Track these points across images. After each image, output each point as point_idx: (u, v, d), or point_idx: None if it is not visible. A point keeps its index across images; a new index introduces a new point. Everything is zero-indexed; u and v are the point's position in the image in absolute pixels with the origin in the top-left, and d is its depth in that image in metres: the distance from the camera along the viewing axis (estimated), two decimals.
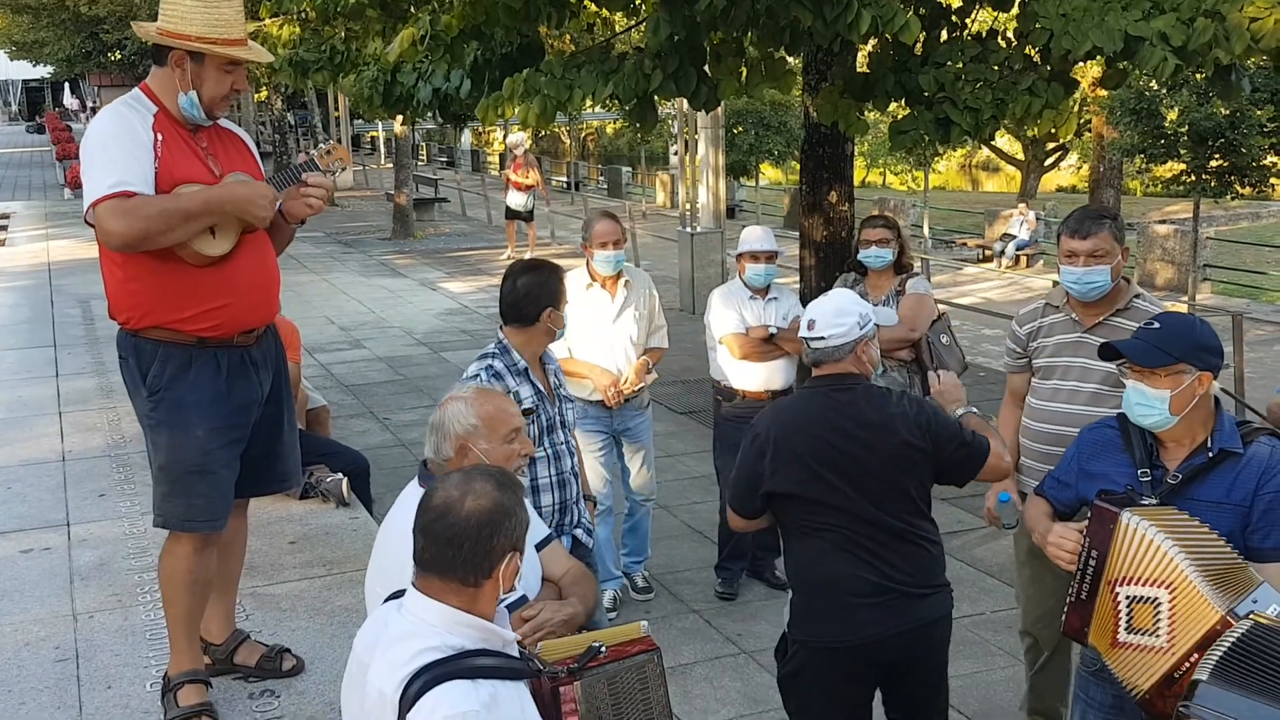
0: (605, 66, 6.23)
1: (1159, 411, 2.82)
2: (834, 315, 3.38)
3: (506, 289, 3.88)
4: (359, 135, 43.99)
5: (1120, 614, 2.70)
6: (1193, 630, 2.56)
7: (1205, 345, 2.84)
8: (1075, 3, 5.67)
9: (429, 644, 2.19)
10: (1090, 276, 3.80)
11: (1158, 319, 2.93)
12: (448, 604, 2.22)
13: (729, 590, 5.84)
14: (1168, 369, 2.78)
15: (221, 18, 3.32)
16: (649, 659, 2.53)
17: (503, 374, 3.80)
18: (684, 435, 8.56)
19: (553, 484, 3.87)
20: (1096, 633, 2.78)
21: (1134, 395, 2.85)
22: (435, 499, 2.25)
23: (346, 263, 18.05)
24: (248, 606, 4.45)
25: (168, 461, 3.47)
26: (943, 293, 15.36)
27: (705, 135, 13.60)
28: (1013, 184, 36.11)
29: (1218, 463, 2.81)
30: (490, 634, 2.26)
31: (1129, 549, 2.68)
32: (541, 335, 3.88)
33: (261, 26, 8.54)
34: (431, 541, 2.22)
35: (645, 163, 34.37)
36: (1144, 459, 2.89)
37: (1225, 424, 2.87)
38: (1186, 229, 15.59)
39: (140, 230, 3.20)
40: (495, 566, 2.22)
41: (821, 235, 8.53)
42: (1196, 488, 2.81)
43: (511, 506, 2.26)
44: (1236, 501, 2.77)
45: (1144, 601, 2.65)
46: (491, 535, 2.21)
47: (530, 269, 3.93)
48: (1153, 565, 2.63)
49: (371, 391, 9.97)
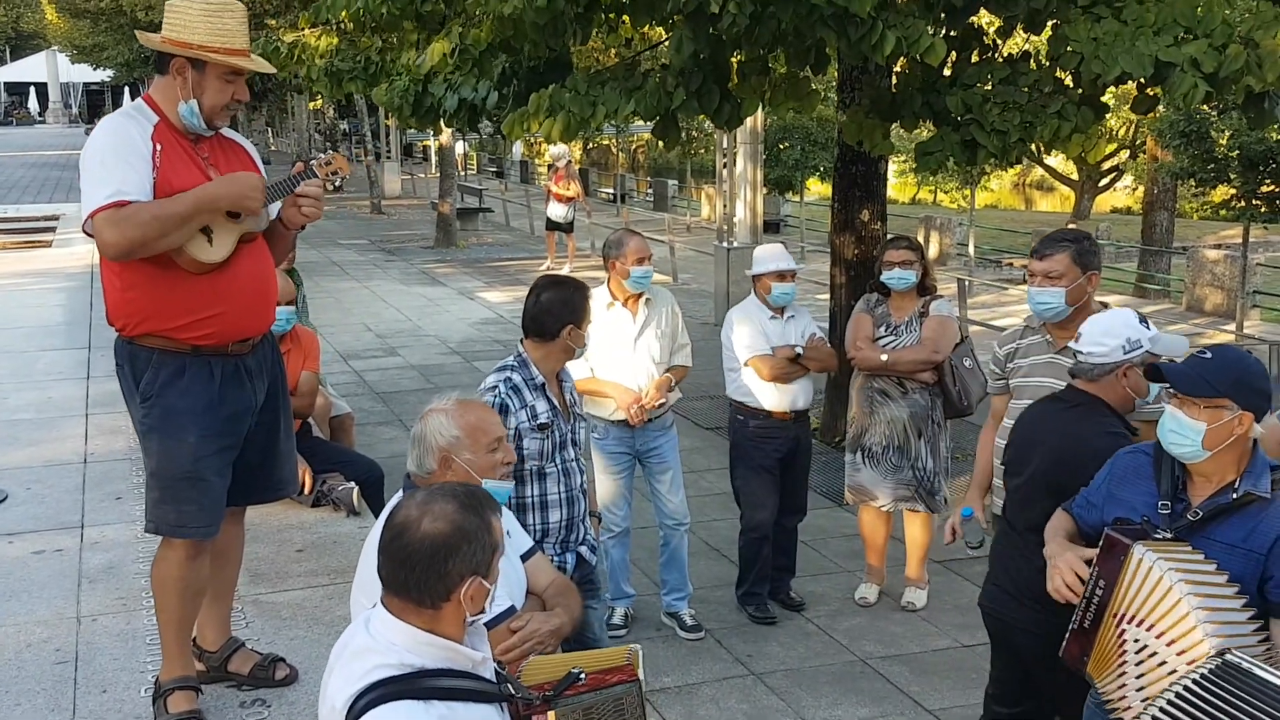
0: (629, 84, 6.24)
1: (1191, 442, 2.75)
2: (1100, 334, 3.39)
3: (530, 302, 3.91)
4: (410, 144, 44.41)
5: (1127, 657, 2.65)
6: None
7: (1253, 385, 2.76)
8: (1107, 27, 5.59)
9: (385, 660, 2.17)
10: (1042, 296, 3.87)
11: (1211, 349, 2.85)
12: (409, 623, 2.19)
13: (768, 615, 5.75)
14: (1208, 400, 2.71)
15: (224, 27, 3.35)
16: (628, 691, 2.49)
17: (520, 387, 3.82)
18: (708, 451, 8.52)
19: (562, 500, 3.87)
20: (1096, 664, 2.75)
21: (1170, 421, 2.79)
22: (396, 516, 2.22)
23: (388, 270, 18.20)
24: (248, 614, 4.48)
25: (159, 468, 3.49)
26: (985, 312, 15.18)
27: (744, 150, 13.56)
28: (1067, 204, 35.68)
29: (1242, 505, 2.74)
30: (455, 654, 2.22)
31: (1138, 585, 2.64)
32: (560, 351, 3.89)
33: (300, 37, 8.64)
34: (387, 560, 2.20)
35: (693, 176, 34.36)
36: (1169, 491, 2.84)
37: (1258, 467, 2.79)
38: (1237, 254, 15.28)
39: (136, 237, 3.24)
40: (452, 590, 2.17)
41: (853, 253, 8.49)
42: (1216, 528, 2.74)
43: (473, 529, 2.20)
44: (1253, 548, 2.70)
45: (1160, 665, 2.58)
46: (446, 560, 2.16)
47: (556, 284, 3.96)
48: (1164, 613, 2.58)
49: (402, 399, 10.03)
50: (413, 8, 6.89)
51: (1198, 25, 5.49)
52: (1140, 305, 17.79)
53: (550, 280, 3.99)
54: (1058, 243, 3.91)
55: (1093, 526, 3.01)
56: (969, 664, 5.32)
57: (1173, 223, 21.57)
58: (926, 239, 20.89)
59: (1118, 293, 18.32)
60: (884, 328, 5.62)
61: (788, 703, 4.96)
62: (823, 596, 6.02)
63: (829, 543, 6.78)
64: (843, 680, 5.17)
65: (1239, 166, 13.86)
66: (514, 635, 2.79)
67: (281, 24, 17.12)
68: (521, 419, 3.78)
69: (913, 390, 5.60)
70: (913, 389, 5.60)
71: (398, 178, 32.27)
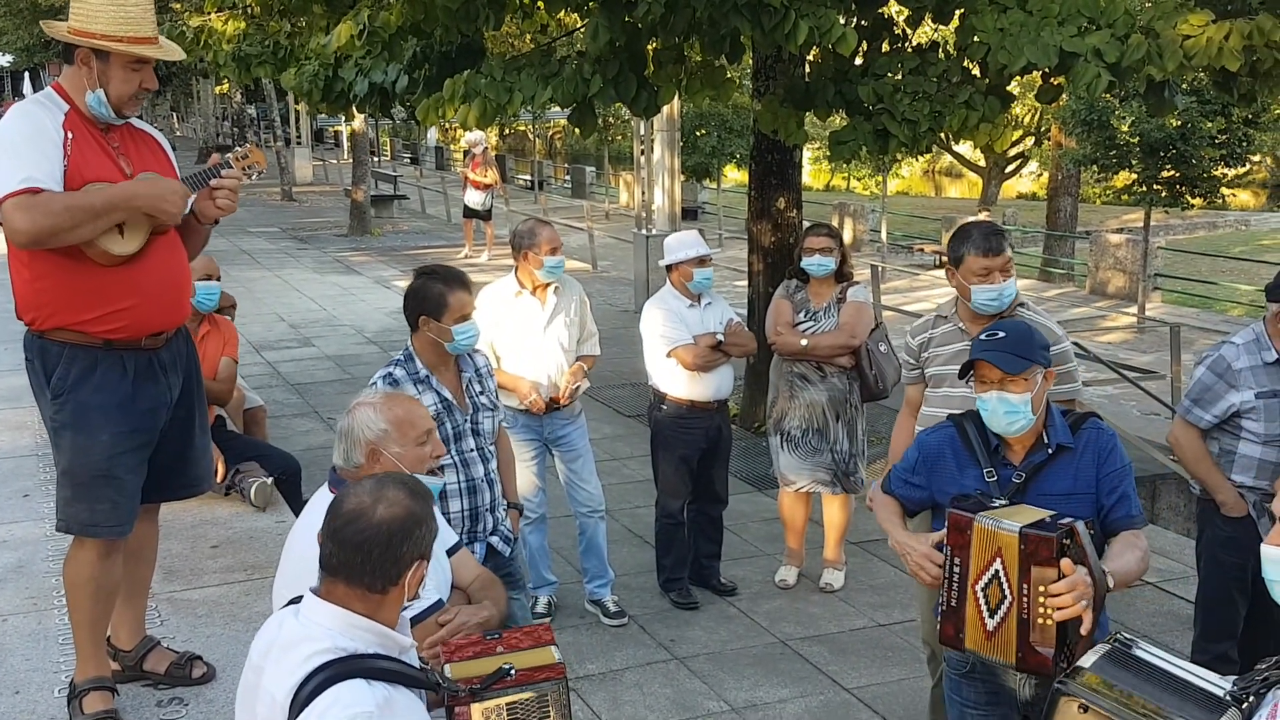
0: (545, 70, 6.22)
1: (1024, 415, 2.95)
2: None
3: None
4: (321, 130, 43.63)
5: (982, 609, 2.82)
6: (1015, 567, 2.72)
7: (1044, 344, 3.05)
8: (1013, 18, 5.72)
9: (319, 646, 2.20)
10: (1009, 289, 3.91)
11: (1001, 327, 3.08)
12: (350, 609, 2.23)
13: (690, 599, 5.80)
14: (1024, 373, 2.92)
15: (128, 15, 3.27)
16: (553, 687, 2.51)
17: (401, 381, 3.76)
18: (630, 439, 8.55)
19: (461, 490, 3.85)
20: (970, 635, 2.87)
21: (999, 405, 2.95)
22: (347, 504, 2.26)
23: (301, 259, 17.91)
24: (163, 612, 4.40)
25: (71, 466, 3.42)
26: (898, 297, 15.45)
27: (661, 138, 13.59)
28: (974, 190, 36.34)
29: (1056, 456, 2.99)
30: (386, 639, 2.27)
31: (982, 547, 2.80)
32: (429, 344, 3.79)
33: (207, 21, 8.45)
34: (340, 547, 2.23)
35: (611, 163, 34.32)
36: (987, 460, 3.03)
37: (1056, 419, 3.05)
38: (1138, 238, 15.75)
39: (46, 226, 3.15)
40: (403, 574, 2.25)
41: (770, 240, 8.58)
42: (1042, 483, 2.97)
43: (423, 515, 2.29)
44: (1083, 490, 2.98)
45: (991, 581, 2.79)
46: (402, 543, 2.23)
47: (420, 273, 3.89)
48: (991, 548, 2.78)
49: (318, 390, 9.90)
50: None
51: (1100, 16, 5.65)
52: (1045, 289, 18.26)
53: (419, 270, 3.93)
54: (1000, 234, 3.93)
55: (918, 504, 3.21)
56: (885, 642, 5.44)
57: (1076, 208, 22.13)
58: (841, 225, 21.16)
59: (1024, 277, 18.76)
60: (803, 313, 5.70)
61: (710, 686, 5.02)
62: (744, 580, 6.10)
63: (749, 527, 6.87)
64: (764, 662, 5.25)
65: (1140, 153, 14.28)
66: (442, 628, 2.79)
67: (187, 8, 16.69)
68: None
69: (831, 374, 5.69)
70: (831, 373, 5.69)
71: (309, 164, 31.72)
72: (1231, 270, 18.08)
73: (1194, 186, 14.30)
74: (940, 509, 3.07)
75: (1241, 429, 4.34)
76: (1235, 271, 17.94)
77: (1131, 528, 2.99)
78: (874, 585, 6.08)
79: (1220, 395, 4.33)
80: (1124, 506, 3.00)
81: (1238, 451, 4.38)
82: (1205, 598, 4.64)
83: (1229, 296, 16.34)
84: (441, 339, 3.77)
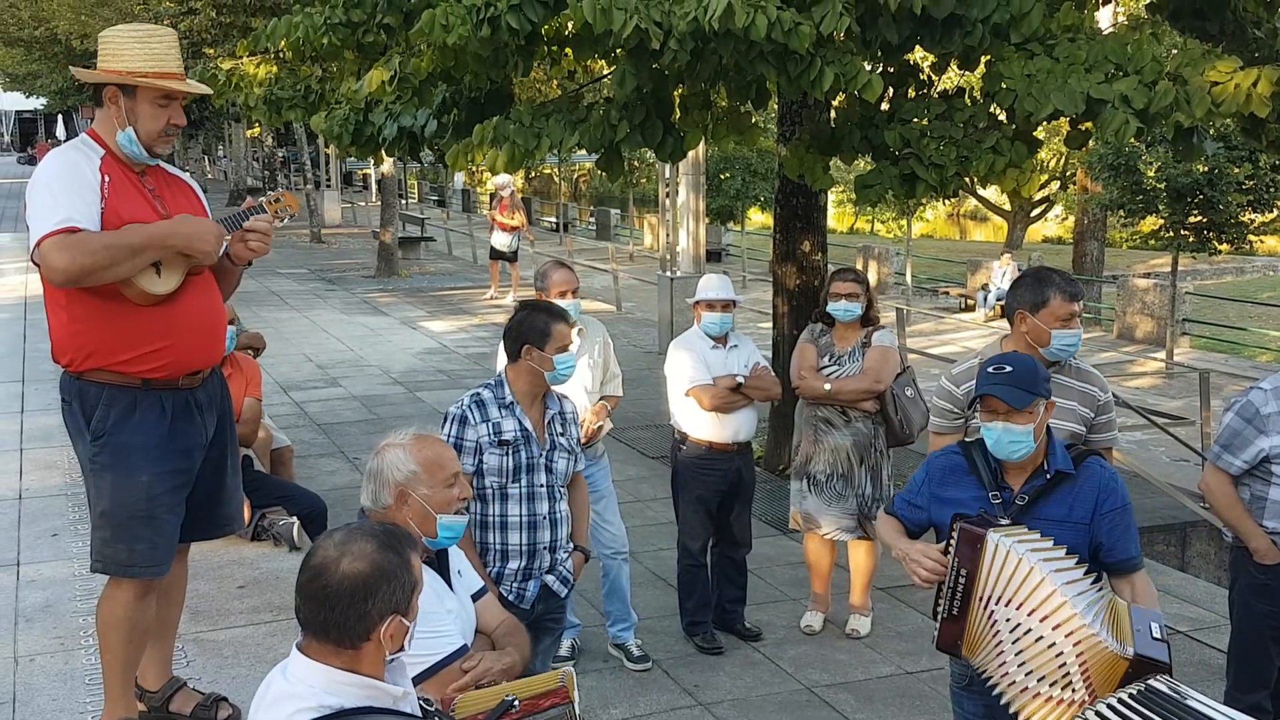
0: (573, 116, 6.28)
1: (1027, 444, 3.12)
2: None
3: (506, 325, 4.03)
4: (350, 173, 44.14)
5: (1001, 636, 2.92)
6: (1109, 681, 2.75)
7: (1045, 377, 3.21)
8: (1039, 64, 5.73)
9: (304, 705, 2.14)
10: (1081, 335, 3.95)
11: (1007, 361, 3.23)
12: (328, 664, 2.17)
13: (715, 644, 5.73)
14: (1029, 407, 3.09)
15: (153, 51, 3.34)
16: (560, 713, 2.50)
17: (486, 403, 3.89)
18: (653, 480, 8.53)
19: (523, 523, 3.87)
20: (970, 646, 3.03)
21: (1003, 435, 3.12)
22: (314, 558, 2.20)
23: (329, 300, 18.05)
24: (189, 652, 4.41)
25: (111, 507, 3.44)
26: (923, 340, 15.41)
27: (686, 180, 13.67)
28: (999, 234, 36.35)
29: (1056, 484, 3.16)
30: (375, 691, 2.20)
31: (998, 569, 2.92)
32: (526, 373, 3.91)
33: (239, 65, 8.59)
34: (306, 601, 2.18)
35: (635, 205, 34.53)
36: (992, 483, 3.18)
37: (1057, 448, 3.21)
38: (1166, 283, 15.67)
39: (85, 265, 3.20)
40: (372, 630, 2.16)
41: (795, 283, 8.59)
42: (1041, 507, 3.14)
43: (393, 569, 2.19)
44: (1077, 520, 3.13)
45: (1037, 640, 2.86)
46: (365, 599, 2.15)
47: (523, 307, 4.05)
48: (1029, 591, 2.86)
49: (344, 431, 9.93)
50: (354, 38, 6.87)
51: (1128, 63, 5.65)
52: None
53: (522, 304, 4.11)
54: (1077, 281, 4.00)
55: (918, 525, 3.33)
56: (913, 690, 5.37)
57: (1103, 252, 22.08)
58: (865, 268, 21.17)
59: None
60: (828, 357, 5.69)
61: None
62: (769, 625, 6.04)
63: (774, 571, 6.82)
64: (789, 709, 5.19)
65: (1166, 198, 14.25)
66: (466, 675, 2.78)
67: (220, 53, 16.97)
68: (483, 433, 3.83)
69: (856, 419, 5.67)
70: (856, 418, 5.66)
71: (338, 206, 32.05)
72: (1260, 316, 17.93)
73: (1221, 232, 14.25)
74: (940, 529, 3.24)
75: (1272, 474, 4.29)
76: (1263, 317, 17.79)
77: (1135, 569, 3.17)
78: (901, 632, 6.01)
79: (1250, 440, 4.29)
80: (1125, 546, 3.16)
81: (1269, 497, 4.32)
82: (1238, 646, 4.56)
83: (1258, 342, 16.21)
84: (543, 367, 3.89)
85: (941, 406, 4.13)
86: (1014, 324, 3.93)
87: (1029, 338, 3.87)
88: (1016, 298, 3.93)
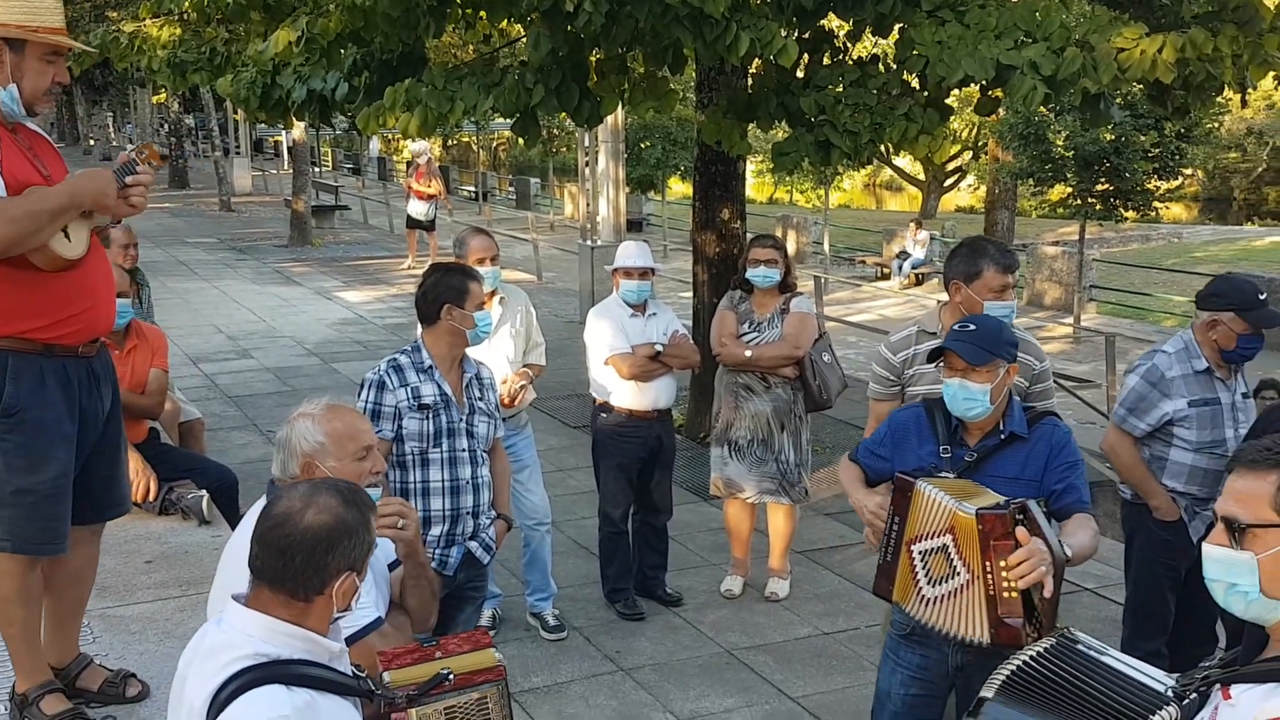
0: (487, 80, 6.18)
1: (981, 403, 3.19)
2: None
3: (418, 291, 4.01)
4: (261, 139, 43.17)
5: (916, 569, 3.05)
6: (975, 546, 2.89)
7: (1011, 341, 3.28)
8: (950, 31, 5.78)
9: (240, 653, 2.15)
10: (1014, 306, 3.99)
11: (971, 320, 3.33)
12: (274, 615, 2.18)
13: (636, 610, 5.77)
14: (988, 365, 3.15)
15: (39, 4, 3.18)
16: (492, 689, 2.48)
17: (404, 368, 3.89)
18: (575, 449, 8.52)
19: (445, 489, 3.88)
20: (899, 590, 3.13)
21: (959, 391, 3.19)
22: (277, 508, 2.22)
23: (239, 270, 17.66)
24: (96, 629, 4.28)
25: (25, 485, 3.29)
26: (841, 309, 15.57)
27: (606, 149, 13.60)
28: (914, 203, 36.84)
29: (1009, 443, 3.23)
30: (314, 645, 2.22)
31: (922, 512, 3.02)
32: (446, 334, 3.92)
33: (141, 27, 8.30)
34: (265, 550, 2.19)
35: (555, 174, 34.29)
36: (947, 438, 3.26)
37: (1015, 410, 3.29)
38: (1074, 250, 16.02)
39: (11, 234, 3.07)
40: (328, 584, 2.19)
41: (714, 251, 8.61)
42: (992, 464, 3.22)
43: (354, 525, 2.23)
44: (1030, 477, 3.21)
45: (935, 552, 3.00)
46: (327, 551, 2.17)
47: (436, 270, 4.04)
48: (936, 519, 2.98)
49: (256, 403, 9.75)
50: None
51: (1037, 29, 5.73)
52: None
53: (433, 267, 4.10)
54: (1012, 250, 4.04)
55: (880, 475, 3.41)
56: (829, 650, 5.46)
57: (1013, 221, 22.52)
58: (784, 237, 21.30)
59: None
60: (747, 324, 5.71)
61: (656, 697, 5.00)
62: (690, 590, 6.09)
63: (695, 537, 6.86)
64: (709, 672, 5.24)
65: (1075, 166, 14.53)
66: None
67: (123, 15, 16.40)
68: (401, 397, 3.84)
69: (775, 385, 5.71)
70: (776, 384, 5.71)
71: (248, 174, 31.36)
72: (1165, 282, 18.41)
73: (1128, 200, 14.57)
74: None
75: (1174, 436, 4.41)
76: (1168, 283, 18.27)
77: (1076, 510, 3.21)
78: (819, 594, 6.10)
79: (1154, 404, 4.40)
80: (1073, 494, 3.22)
81: (1169, 458, 4.45)
82: (1137, 598, 4.70)
83: (1163, 307, 16.65)
84: (464, 325, 3.90)
85: (879, 374, 4.21)
86: (950, 293, 4.00)
87: (963, 308, 3.92)
88: (952, 268, 3.99)
